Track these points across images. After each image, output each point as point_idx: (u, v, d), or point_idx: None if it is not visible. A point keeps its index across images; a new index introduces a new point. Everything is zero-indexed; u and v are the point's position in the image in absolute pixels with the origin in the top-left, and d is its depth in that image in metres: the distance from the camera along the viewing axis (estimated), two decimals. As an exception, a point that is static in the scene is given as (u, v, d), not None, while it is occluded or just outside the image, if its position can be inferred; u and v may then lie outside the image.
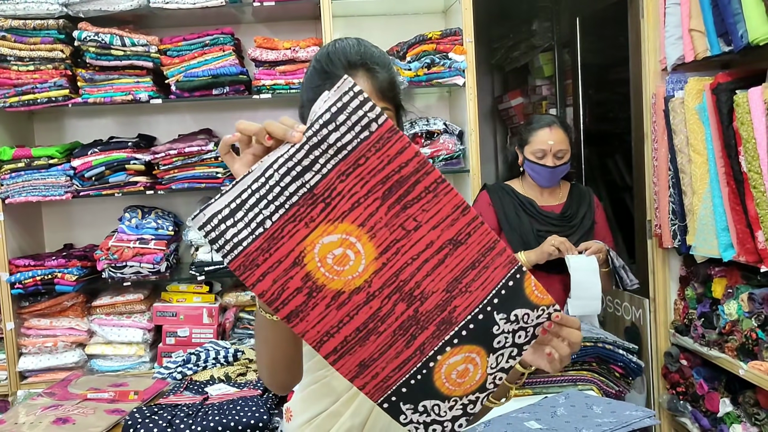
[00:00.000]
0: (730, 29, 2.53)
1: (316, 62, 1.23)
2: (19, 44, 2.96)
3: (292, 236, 0.91)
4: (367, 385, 0.98)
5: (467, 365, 1.00)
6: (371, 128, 0.90)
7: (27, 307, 3.08)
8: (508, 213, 2.65)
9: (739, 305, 2.74)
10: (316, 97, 1.00)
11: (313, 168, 0.90)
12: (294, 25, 3.38)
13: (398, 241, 0.94)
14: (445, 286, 0.96)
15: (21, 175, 3.01)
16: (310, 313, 0.94)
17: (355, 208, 0.92)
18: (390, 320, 0.96)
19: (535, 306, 0.99)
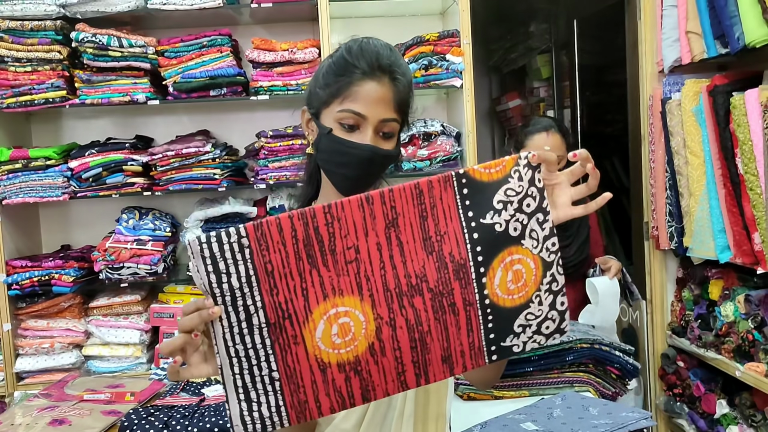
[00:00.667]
0: (727, 31, 2.54)
1: (346, 52, 1.23)
2: (17, 45, 2.96)
3: (299, 360, 0.95)
4: (466, 364, 1.00)
5: (514, 269, 1.00)
6: (244, 243, 0.92)
7: (24, 308, 3.08)
8: None
9: (736, 307, 2.74)
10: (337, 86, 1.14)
11: (250, 312, 0.93)
12: (292, 27, 3.38)
13: (358, 273, 0.96)
14: (424, 253, 0.97)
15: (18, 176, 3.01)
16: (371, 380, 0.97)
17: (308, 294, 0.94)
18: (423, 317, 0.97)
19: (503, 179, 0.99)
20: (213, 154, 3.07)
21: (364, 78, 1.21)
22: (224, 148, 3.19)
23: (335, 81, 1.23)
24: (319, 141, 1.26)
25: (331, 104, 1.23)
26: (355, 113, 1.21)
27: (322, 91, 1.25)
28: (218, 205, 3.16)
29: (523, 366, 2.10)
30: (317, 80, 1.28)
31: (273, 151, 3.09)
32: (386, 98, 1.22)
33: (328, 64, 1.26)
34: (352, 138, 1.22)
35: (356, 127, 1.22)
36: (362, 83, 1.21)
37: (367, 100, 1.21)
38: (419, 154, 3.14)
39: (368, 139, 1.22)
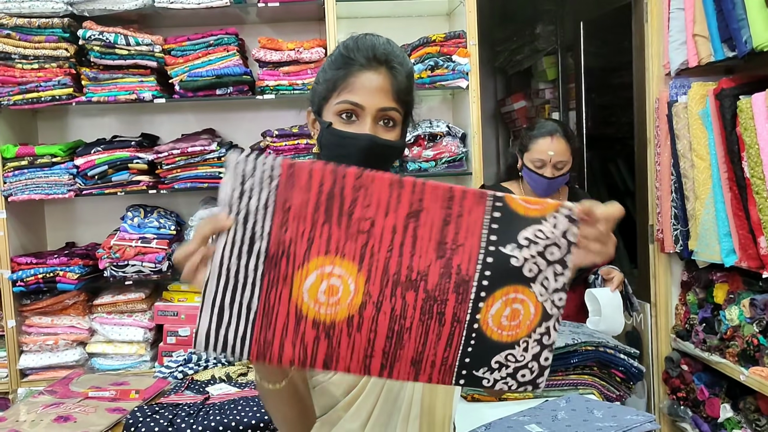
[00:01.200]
0: (734, 35, 2.54)
1: (343, 48, 1.24)
2: (24, 42, 2.97)
3: (280, 300, 0.94)
4: (432, 376, 0.98)
5: (513, 306, 0.98)
6: (275, 174, 0.93)
7: (28, 305, 3.08)
8: None
9: (741, 311, 2.74)
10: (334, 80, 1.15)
11: (255, 237, 0.93)
12: (298, 26, 3.39)
13: (366, 245, 0.95)
14: (434, 255, 0.96)
15: (24, 173, 3.02)
16: (338, 350, 0.96)
17: (312, 243, 0.94)
18: (409, 312, 0.96)
19: (538, 219, 0.97)
20: (218, 152, 3.07)
21: (360, 69, 1.21)
22: (229, 147, 3.19)
23: (333, 76, 1.23)
24: (321, 136, 1.26)
25: (329, 99, 1.23)
26: (352, 103, 1.20)
27: (321, 87, 1.25)
28: (223, 204, 3.16)
29: (527, 368, 2.10)
30: (318, 79, 1.29)
31: (278, 151, 3.09)
32: (384, 87, 1.21)
33: (332, 58, 1.27)
34: (350, 129, 1.21)
35: (355, 118, 1.22)
36: (359, 74, 1.20)
37: (364, 90, 1.20)
38: (424, 154, 3.14)
39: (367, 128, 1.21)
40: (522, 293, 0.98)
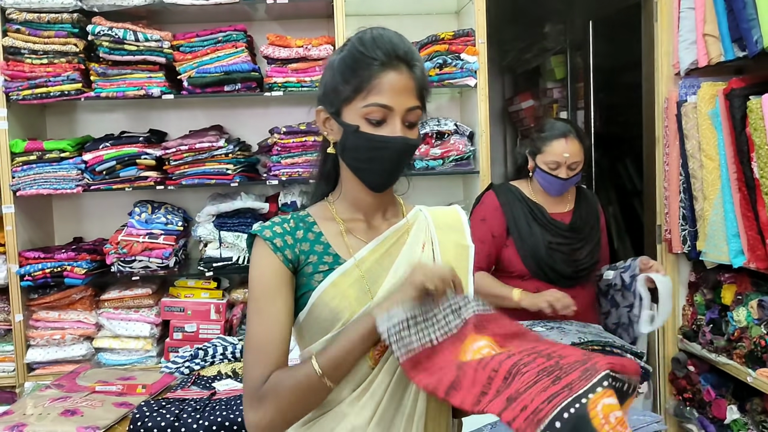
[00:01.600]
0: (745, 35, 2.52)
1: (360, 46, 1.22)
2: (34, 37, 2.98)
3: (449, 348, 1.14)
4: (517, 418, 0.98)
5: (626, 417, 0.98)
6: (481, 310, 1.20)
7: (36, 300, 3.09)
8: (518, 222, 2.53)
9: (749, 312, 2.73)
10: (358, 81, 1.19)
11: (461, 311, 1.18)
12: (307, 23, 3.39)
13: (526, 350, 1.10)
14: (574, 360, 1.04)
15: (33, 167, 3.03)
16: (462, 383, 1.08)
17: (491, 335, 1.17)
18: (532, 366, 1.03)
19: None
20: (226, 149, 3.07)
21: (383, 69, 1.20)
22: (237, 144, 3.19)
23: (354, 76, 1.21)
24: (346, 139, 1.24)
25: (353, 100, 1.22)
26: (383, 106, 1.20)
27: (342, 88, 1.23)
28: (230, 201, 3.17)
29: (534, 367, 2.09)
30: (333, 77, 1.26)
31: (286, 148, 3.09)
32: (408, 87, 1.21)
33: (341, 59, 1.25)
34: (381, 132, 1.21)
35: (383, 120, 1.21)
36: (383, 74, 1.20)
37: (391, 91, 1.20)
38: (432, 152, 3.14)
39: (398, 130, 1.21)
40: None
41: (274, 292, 1.24)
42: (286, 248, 1.26)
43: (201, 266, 3.13)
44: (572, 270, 2.51)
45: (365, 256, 1.28)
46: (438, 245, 1.36)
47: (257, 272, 1.26)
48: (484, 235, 2.51)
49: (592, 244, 2.57)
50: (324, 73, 1.30)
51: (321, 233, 1.30)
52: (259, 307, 1.24)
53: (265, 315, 1.23)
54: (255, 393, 1.21)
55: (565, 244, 2.52)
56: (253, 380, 1.22)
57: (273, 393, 1.19)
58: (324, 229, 1.31)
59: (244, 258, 3.12)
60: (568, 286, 2.48)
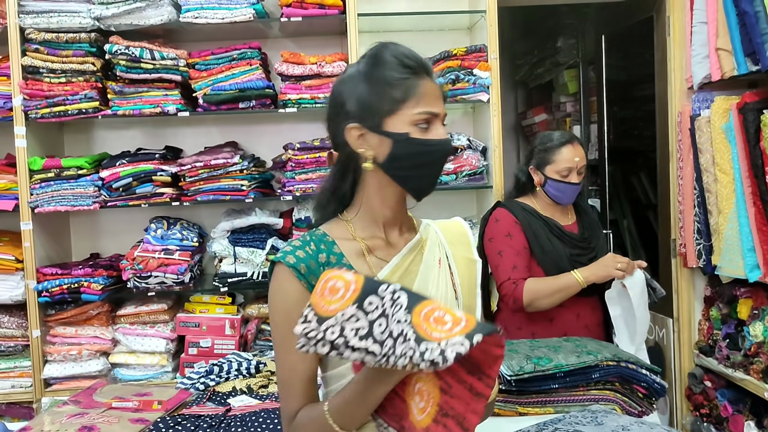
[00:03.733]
0: (758, 49, 2.52)
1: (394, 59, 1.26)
2: (52, 57, 3.02)
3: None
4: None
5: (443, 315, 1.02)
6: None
7: (53, 315, 3.12)
8: (539, 237, 2.55)
9: (765, 327, 2.71)
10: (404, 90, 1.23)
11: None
12: (320, 41, 3.42)
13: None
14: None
15: (50, 185, 3.06)
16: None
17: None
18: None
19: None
20: (241, 165, 3.10)
21: (421, 78, 1.26)
22: (252, 160, 3.22)
23: (397, 87, 1.24)
24: (396, 150, 1.25)
25: (399, 110, 1.25)
26: (431, 113, 1.26)
27: (384, 100, 1.25)
28: (245, 216, 3.19)
29: (548, 383, 2.09)
30: (369, 93, 1.26)
31: (300, 164, 3.11)
32: (439, 93, 1.28)
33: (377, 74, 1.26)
34: (429, 136, 1.26)
35: (429, 125, 1.26)
36: (423, 83, 1.26)
37: (432, 98, 1.26)
38: (445, 167, 3.14)
39: (443, 133, 1.27)
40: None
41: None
42: (311, 274, 1.24)
43: (216, 282, 3.15)
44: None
45: (386, 276, 1.29)
46: (453, 260, 1.37)
47: (280, 300, 1.24)
48: (517, 247, 2.54)
49: (603, 253, 2.60)
50: (347, 91, 1.29)
51: (342, 254, 1.29)
52: (283, 338, 1.22)
53: (291, 347, 1.17)
54: (288, 428, 1.23)
55: (582, 254, 2.57)
56: (285, 415, 1.24)
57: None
58: (344, 250, 1.30)
59: (258, 273, 3.14)
60: (585, 294, 2.51)
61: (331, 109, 1.33)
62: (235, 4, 3.04)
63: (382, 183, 1.30)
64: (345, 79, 1.31)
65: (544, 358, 2.11)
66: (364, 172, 1.30)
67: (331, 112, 1.33)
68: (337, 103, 1.31)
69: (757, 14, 2.50)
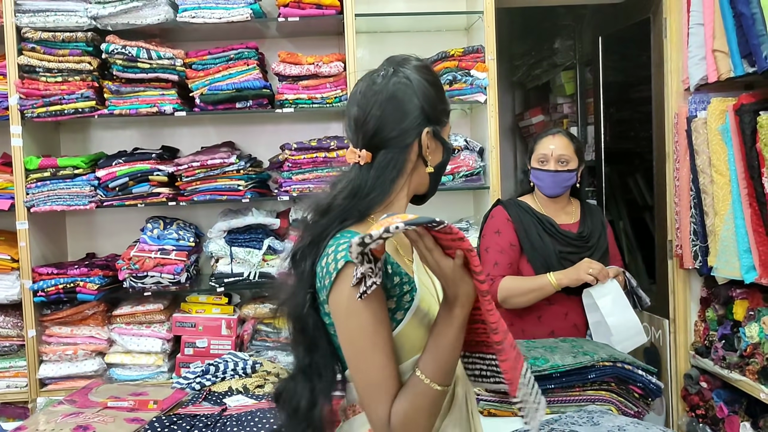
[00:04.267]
0: (755, 50, 2.52)
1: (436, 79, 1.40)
2: (48, 56, 3.02)
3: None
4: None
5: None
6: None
7: (48, 315, 3.11)
8: (529, 233, 2.59)
9: (761, 328, 2.71)
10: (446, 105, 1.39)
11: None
12: (318, 41, 3.42)
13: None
14: None
15: (47, 184, 3.06)
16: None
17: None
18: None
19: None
20: (237, 165, 3.10)
21: None
22: (248, 160, 3.22)
23: (445, 104, 1.40)
24: (446, 157, 1.40)
25: (448, 122, 1.40)
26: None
27: (443, 112, 1.39)
28: (242, 216, 3.19)
29: (544, 383, 2.09)
30: (441, 100, 1.38)
31: (297, 164, 3.11)
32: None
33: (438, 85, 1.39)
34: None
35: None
36: None
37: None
38: (442, 168, 3.14)
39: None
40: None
41: (383, 319, 1.22)
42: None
43: (212, 282, 3.15)
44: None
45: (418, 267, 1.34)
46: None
47: (363, 300, 1.18)
48: (502, 245, 2.59)
49: (601, 252, 2.63)
50: (419, 94, 1.33)
51: (388, 253, 1.26)
52: (373, 338, 1.20)
53: (380, 346, 1.20)
54: (388, 429, 1.20)
55: (575, 252, 2.58)
56: (380, 420, 1.20)
57: (402, 426, 1.18)
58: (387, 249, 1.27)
59: (255, 274, 3.13)
60: (577, 293, 2.55)
61: (389, 109, 1.32)
62: (232, 4, 3.04)
63: (413, 187, 1.38)
64: (408, 82, 1.33)
65: (540, 358, 2.11)
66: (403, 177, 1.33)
67: (387, 113, 1.32)
68: (401, 105, 1.32)
69: (753, 16, 2.50)
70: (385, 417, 1.19)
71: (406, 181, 1.35)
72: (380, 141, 1.32)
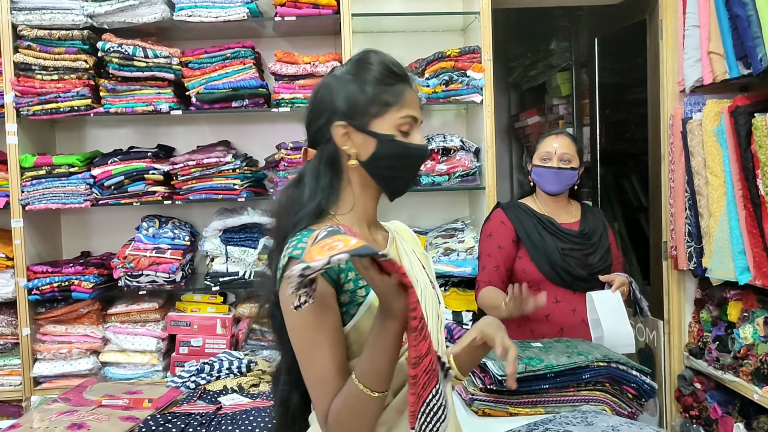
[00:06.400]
0: (750, 52, 2.54)
1: (386, 64, 1.32)
2: (44, 54, 3.01)
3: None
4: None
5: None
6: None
7: (43, 314, 3.11)
8: (529, 232, 2.61)
9: (755, 329, 2.72)
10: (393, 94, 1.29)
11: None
12: (314, 40, 3.41)
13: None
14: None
15: (42, 182, 3.05)
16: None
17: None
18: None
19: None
20: (233, 164, 3.09)
21: (407, 86, 1.33)
22: (244, 159, 3.21)
23: (388, 91, 1.31)
24: (380, 150, 1.31)
25: (386, 113, 1.30)
26: (413, 117, 1.32)
27: (374, 103, 1.30)
28: (237, 216, 3.19)
29: (538, 383, 2.09)
30: (360, 94, 1.30)
31: (292, 163, 3.11)
32: (418, 101, 1.36)
33: (370, 76, 1.31)
34: (407, 141, 1.32)
35: (409, 131, 1.32)
36: (408, 91, 1.33)
37: (414, 104, 1.34)
38: (438, 168, 3.15)
39: (421, 139, 1.34)
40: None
41: (327, 315, 1.22)
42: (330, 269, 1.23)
43: (207, 281, 3.14)
44: (587, 273, 2.58)
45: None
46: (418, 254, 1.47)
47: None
48: (490, 249, 2.63)
49: (603, 250, 2.65)
50: (334, 91, 1.33)
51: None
52: (314, 334, 1.21)
53: (321, 342, 1.20)
54: (323, 427, 1.21)
55: (577, 249, 2.61)
56: (321, 414, 1.21)
57: (336, 423, 1.19)
58: None
59: (250, 273, 3.13)
60: (583, 289, 2.56)
61: (314, 106, 1.36)
62: (229, 3, 3.04)
63: (364, 182, 1.34)
64: (331, 79, 1.35)
65: (535, 358, 2.11)
66: (347, 172, 1.34)
67: (313, 110, 1.36)
68: (321, 101, 1.34)
69: (749, 18, 2.52)
70: (324, 413, 1.20)
71: (347, 176, 1.34)
72: (312, 138, 1.38)
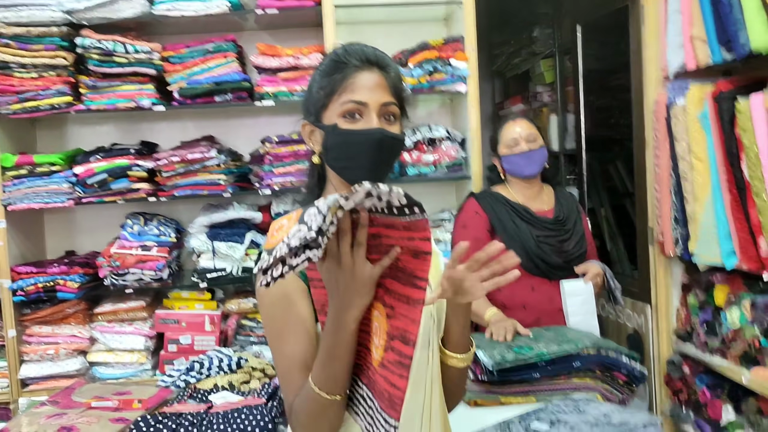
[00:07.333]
0: (732, 37, 2.54)
1: (334, 55, 1.29)
2: (22, 51, 2.97)
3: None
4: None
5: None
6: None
7: (29, 315, 3.08)
8: (504, 221, 2.63)
9: (742, 313, 2.74)
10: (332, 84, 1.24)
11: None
12: (297, 33, 3.39)
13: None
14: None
15: (23, 182, 3.01)
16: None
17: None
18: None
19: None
20: (218, 159, 3.07)
21: (356, 71, 1.26)
22: (229, 154, 3.19)
23: (329, 81, 1.27)
24: (327, 141, 1.28)
25: (329, 103, 1.27)
26: (356, 101, 1.25)
27: (319, 95, 1.28)
28: (223, 211, 3.16)
29: (530, 372, 2.10)
30: (310, 89, 1.33)
31: (278, 157, 3.09)
32: (381, 84, 1.26)
33: (318, 71, 1.31)
34: (358, 126, 1.25)
35: (359, 116, 1.25)
36: (356, 75, 1.25)
37: (365, 88, 1.25)
38: (424, 159, 3.14)
39: (374, 123, 1.25)
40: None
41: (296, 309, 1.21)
42: None
43: (195, 277, 3.12)
44: (562, 260, 2.62)
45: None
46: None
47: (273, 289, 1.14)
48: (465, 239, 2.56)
49: (578, 236, 2.69)
50: (306, 89, 1.36)
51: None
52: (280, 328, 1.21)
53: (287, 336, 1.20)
54: (289, 421, 1.21)
55: (552, 236, 2.65)
56: (286, 407, 1.22)
57: (297, 422, 1.19)
58: None
59: (238, 268, 3.11)
60: (558, 277, 2.60)
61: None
62: (210, -4, 3.01)
63: (335, 176, 1.33)
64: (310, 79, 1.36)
65: (525, 347, 2.12)
66: (326, 168, 1.34)
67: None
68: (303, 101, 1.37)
69: (730, 2, 2.51)
70: (289, 406, 1.20)
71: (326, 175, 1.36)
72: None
